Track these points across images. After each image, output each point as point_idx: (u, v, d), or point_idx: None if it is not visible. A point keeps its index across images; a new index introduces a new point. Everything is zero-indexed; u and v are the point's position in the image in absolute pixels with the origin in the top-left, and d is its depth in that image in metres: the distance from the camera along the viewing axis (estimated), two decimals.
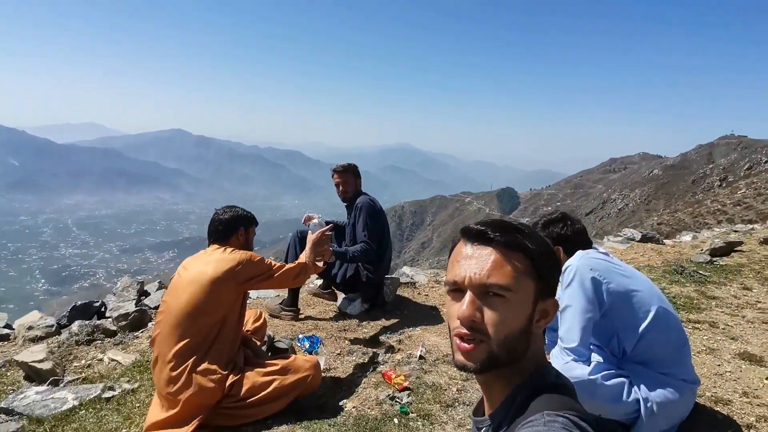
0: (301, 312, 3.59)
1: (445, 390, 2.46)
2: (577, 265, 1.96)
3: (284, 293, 3.72)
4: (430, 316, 3.64)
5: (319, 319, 3.52)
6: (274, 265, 2.38)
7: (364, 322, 3.44)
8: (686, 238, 8.43)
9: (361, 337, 3.20)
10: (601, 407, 1.89)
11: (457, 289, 0.83)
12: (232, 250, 2.23)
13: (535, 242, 0.82)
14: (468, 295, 0.80)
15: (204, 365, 2.01)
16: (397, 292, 4.08)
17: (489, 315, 0.79)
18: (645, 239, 7.04)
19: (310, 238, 2.64)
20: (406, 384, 2.48)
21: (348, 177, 3.61)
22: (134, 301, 3.48)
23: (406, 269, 5.16)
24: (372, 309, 3.65)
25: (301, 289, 3.66)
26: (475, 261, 0.81)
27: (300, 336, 3.08)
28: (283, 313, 3.48)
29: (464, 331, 0.79)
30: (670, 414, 1.92)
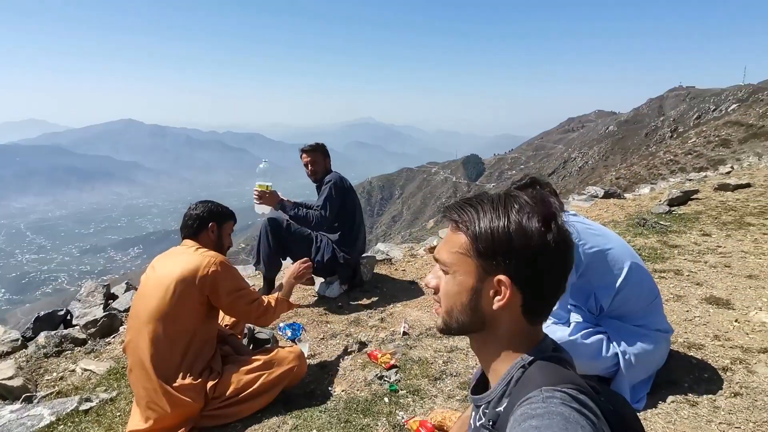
0: None
1: (432, 363, 2.48)
2: None
3: (260, 283, 3.64)
4: (410, 291, 3.65)
5: (298, 306, 3.47)
6: (253, 292, 2.17)
7: (345, 304, 3.42)
8: (644, 190, 8.79)
9: (343, 319, 3.18)
10: (583, 365, 1.95)
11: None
12: (204, 251, 2.07)
13: (482, 222, 0.80)
14: (435, 266, 0.90)
15: (179, 380, 1.92)
16: (375, 270, 4.07)
17: (440, 286, 0.87)
18: (607, 195, 7.28)
19: (290, 271, 2.45)
20: (392, 362, 2.48)
21: (317, 156, 3.52)
22: (101, 306, 3.33)
23: (380, 246, 5.15)
24: (351, 290, 3.63)
25: (276, 276, 3.59)
26: (443, 237, 0.92)
27: (281, 324, 3.03)
28: None
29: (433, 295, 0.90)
30: (647, 363, 2.01)
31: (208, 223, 2.17)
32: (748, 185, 6.69)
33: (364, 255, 3.89)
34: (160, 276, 2.01)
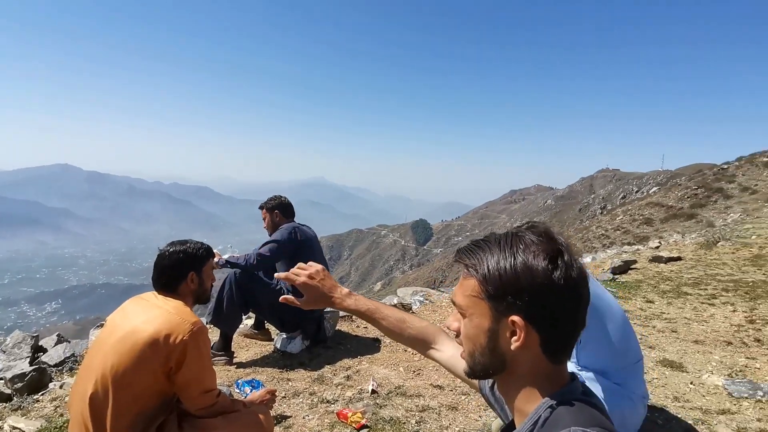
0: (235, 355, 3.29)
1: (404, 423, 2.36)
2: None
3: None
4: (374, 348, 3.53)
5: (257, 362, 3.24)
6: (212, 378, 1.85)
7: (307, 360, 3.24)
8: (587, 260, 9.34)
9: (306, 376, 2.99)
10: None
11: None
12: (183, 311, 1.76)
13: (489, 263, 0.81)
14: (455, 310, 0.89)
15: None
16: (336, 327, 3.93)
17: (460, 330, 0.87)
18: None
19: (254, 397, 2.15)
20: (363, 421, 2.34)
21: (266, 213, 3.53)
22: (28, 359, 2.93)
23: None
24: (313, 346, 3.46)
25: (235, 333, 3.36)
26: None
27: (239, 381, 2.79)
28: (215, 358, 3.15)
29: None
30: (626, 426, 2.01)
31: (186, 273, 1.91)
32: (679, 258, 7.29)
33: (327, 310, 3.77)
34: (127, 332, 1.73)
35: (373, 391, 2.71)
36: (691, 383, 2.78)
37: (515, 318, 0.78)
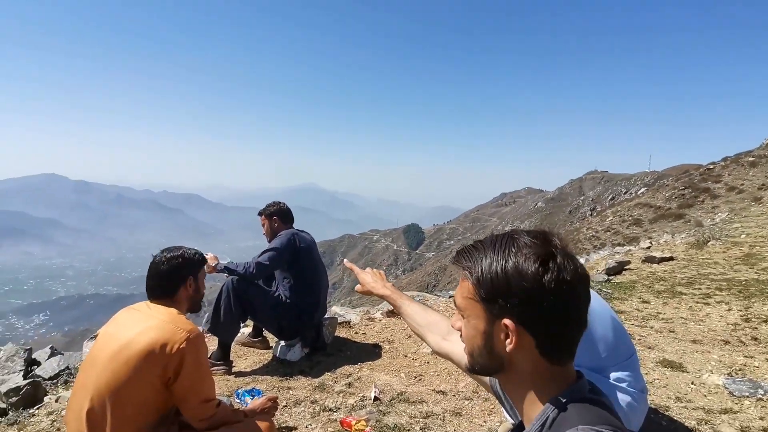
0: (234, 364, 3.24)
1: (408, 430, 2.34)
2: None
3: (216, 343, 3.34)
4: (374, 354, 3.51)
5: (256, 371, 3.20)
6: (211, 386, 1.80)
7: (307, 368, 3.20)
8: (581, 261, 9.40)
9: (306, 384, 2.96)
10: None
11: None
12: (177, 319, 1.71)
13: (483, 266, 0.82)
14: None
15: None
16: (335, 334, 3.90)
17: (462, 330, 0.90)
18: None
19: (255, 405, 2.09)
20: (367, 429, 2.31)
21: (264, 220, 3.50)
22: (22, 373, 2.87)
23: (336, 308, 5.00)
24: (313, 353, 3.42)
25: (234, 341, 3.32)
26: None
27: (239, 391, 2.75)
28: (214, 368, 3.10)
29: None
30: (630, 421, 2.01)
31: (185, 278, 1.86)
32: (671, 258, 7.36)
33: (325, 316, 3.74)
34: (121, 345, 1.66)
35: (376, 398, 2.69)
36: (692, 383, 2.79)
37: (506, 321, 0.80)
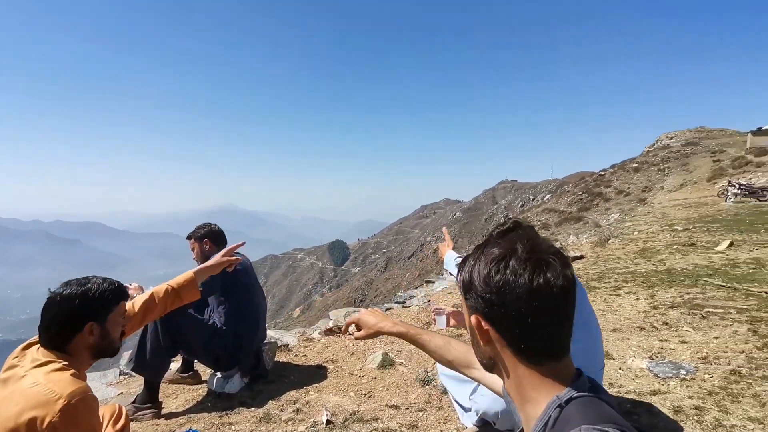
0: (163, 406, 2.92)
1: None
2: None
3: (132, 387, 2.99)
4: (319, 376, 3.36)
5: (191, 409, 2.91)
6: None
7: (249, 399, 2.97)
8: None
9: (250, 417, 2.73)
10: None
11: None
12: (55, 380, 1.36)
13: (466, 265, 0.89)
14: None
15: None
16: (275, 358, 3.69)
17: None
18: None
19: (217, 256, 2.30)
20: None
21: (194, 243, 3.29)
22: None
23: (270, 332, 4.76)
24: (253, 382, 3.19)
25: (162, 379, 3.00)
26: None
27: None
28: (140, 413, 2.76)
29: None
30: None
31: (82, 325, 1.48)
32: (582, 256, 8.03)
33: (264, 341, 3.52)
34: None
35: (329, 422, 2.56)
36: (620, 369, 3.02)
37: (473, 317, 0.86)
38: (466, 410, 2.22)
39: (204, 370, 3.53)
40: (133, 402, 2.84)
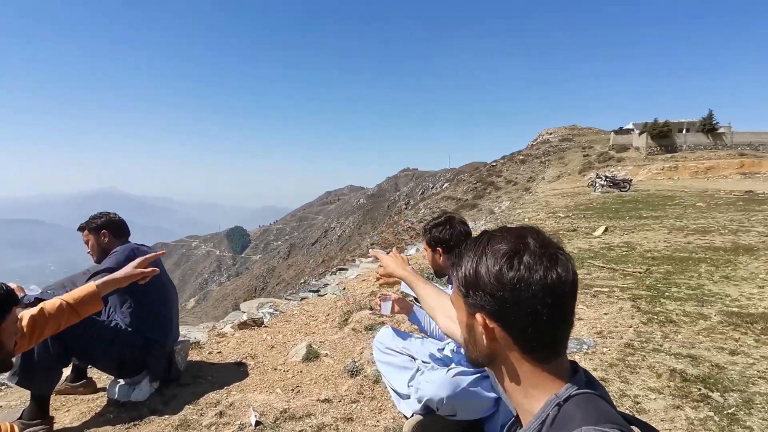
0: (54, 421, 2.51)
1: None
2: None
3: (26, 396, 2.53)
4: (240, 373, 3.16)
5: (89, 423, 2.54)
6: None
7: (161, 406, 2.68)
8: (411, 251, 10.30)
9: (166, 425, 2.47)
10: (466, 405, 2.04)
11: None
12: None
13: (464, 262, 0.86)
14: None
15: None
16: (188, 358, 3.38)
17: None
18: None
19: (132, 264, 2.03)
20: None
21: (88, 235, 2.89)
22: None
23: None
24: (165, 386, 2.89)
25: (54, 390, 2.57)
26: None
27: None
28: (28, 430, 2.35)
29: None
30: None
31: None
32: None
33: (178, 341, 3.20)
34: None
35: (258, 423, 2.41)
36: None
37: (478, 315, 0.83)
38: (404, 397, 2.24)
39: (99, 376, 3.12)
40: (20, 418, 2.41)
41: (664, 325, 3.51)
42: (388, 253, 1.73)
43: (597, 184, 22.31)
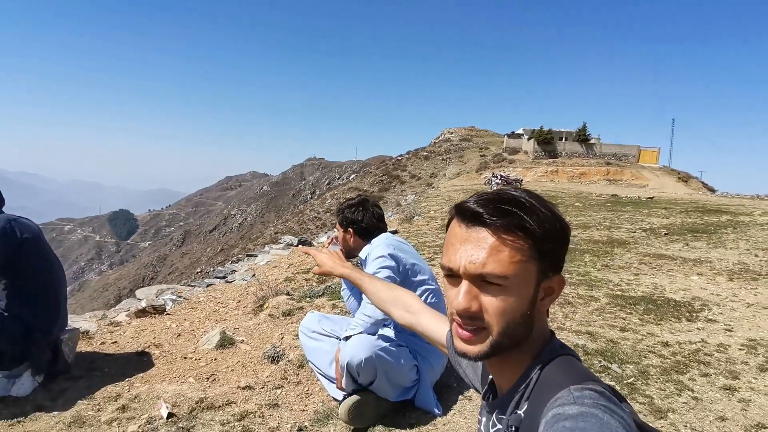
0: None
1: None
2: (384, 244, 2.19)
3: None
4: (143, 364, 2.84)
5: None
6: None
7: (48, 402, 2.31)
8: (323, 239, 10.20)
9: (56, 423, 2.13)
10: (396, 373, 2.08)
11: (452, 274, 0.77)
12: None
13: (538, 219, 0.74)
14: (464, 285, 0.75)
15: None
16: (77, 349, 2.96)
17: (488, 304, 0.74)
18: (301, 243, 8.02)
19: None
20: None
21: None
22: None
23: None
24: (51, 380, 2.49)
25: None
26: (471, 246, 0.74)
27: None
28: None
29: (461, 320, 0.77)
30: (436, 373, 2.32)
31: None
32: (396, 231, 8.82)
33: (66, 329, 2.77)
34: None
35: (171, 415, 2.19)
36: None
37: (556, 276, 0.78)
38: (334, 381, 2.20)
39: None
40: None
41: (564, 306, 3.90)
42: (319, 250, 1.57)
43: (492, 183, 24.16)
